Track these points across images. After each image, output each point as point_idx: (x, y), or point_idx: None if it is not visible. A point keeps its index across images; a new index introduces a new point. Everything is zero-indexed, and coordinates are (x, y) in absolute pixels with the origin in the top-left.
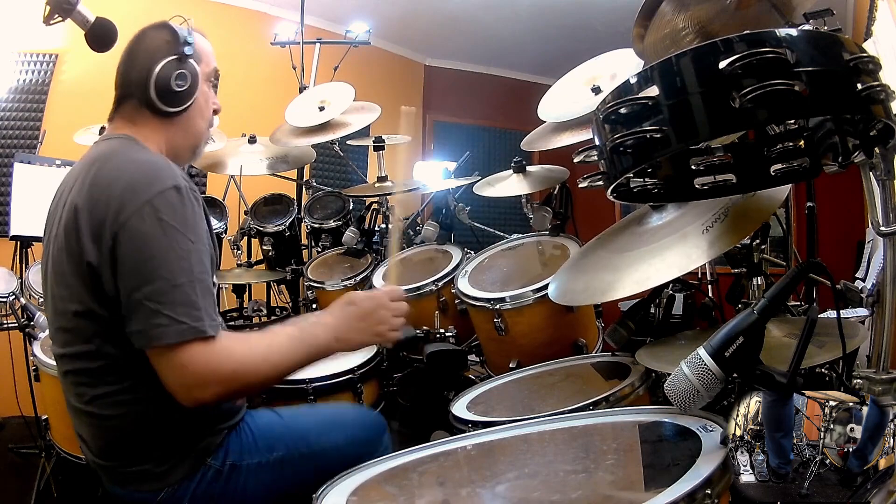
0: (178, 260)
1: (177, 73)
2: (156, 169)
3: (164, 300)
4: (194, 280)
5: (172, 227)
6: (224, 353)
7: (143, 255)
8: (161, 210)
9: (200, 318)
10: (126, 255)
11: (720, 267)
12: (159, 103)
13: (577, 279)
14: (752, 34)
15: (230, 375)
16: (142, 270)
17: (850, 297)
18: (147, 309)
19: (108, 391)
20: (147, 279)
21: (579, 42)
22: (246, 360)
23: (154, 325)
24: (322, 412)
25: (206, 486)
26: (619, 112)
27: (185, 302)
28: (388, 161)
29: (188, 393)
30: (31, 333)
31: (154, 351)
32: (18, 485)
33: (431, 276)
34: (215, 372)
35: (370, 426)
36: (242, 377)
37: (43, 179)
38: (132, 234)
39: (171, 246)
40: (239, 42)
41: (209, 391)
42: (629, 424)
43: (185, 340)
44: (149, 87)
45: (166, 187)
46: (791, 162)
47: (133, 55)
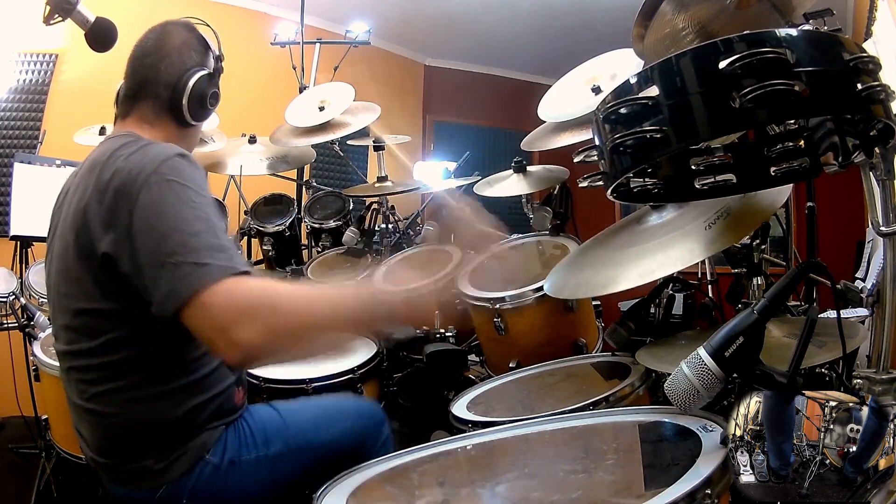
0: (192, 210)
1: (212, 93)
2: (157, 148)
3: (187, 249)
4: (214, 227)
5: (181, 185)
6: (262, 285)
7: (157, 216)
8: (167, 173)
9: (230, 257)
10: (142, 224)
11: (720, 267)
12: (188, 115)
13: (576, 274)
14: (752, 34)
15: (269, 309)
16: (160, 230)
17: (850, 297)
18: (171, 265)
19: (109, 388)
20: (166, 237)
21: (579, 42)
22: (286, 294)
23: (181, 277)
24: (320, 404)
25: (205, 482)
26: (619, 112)
27: (209, 246)
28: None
29: (227, 339)
30: (31, 333)
31: (184, 310)
32: (18, 485)
33: (431, 276)
34: (251, 304)
35: (369, 417)
36: (284, 314)
37: (43, 179)
38: (144, 203)
39: (184, 200)
40: (239, 42)
41: (248, 331)
42: (629, 424)
43: (213, 281)
44: (182, 94)
45: (171, 155)
46: (791, 162)
47: (163, 52)
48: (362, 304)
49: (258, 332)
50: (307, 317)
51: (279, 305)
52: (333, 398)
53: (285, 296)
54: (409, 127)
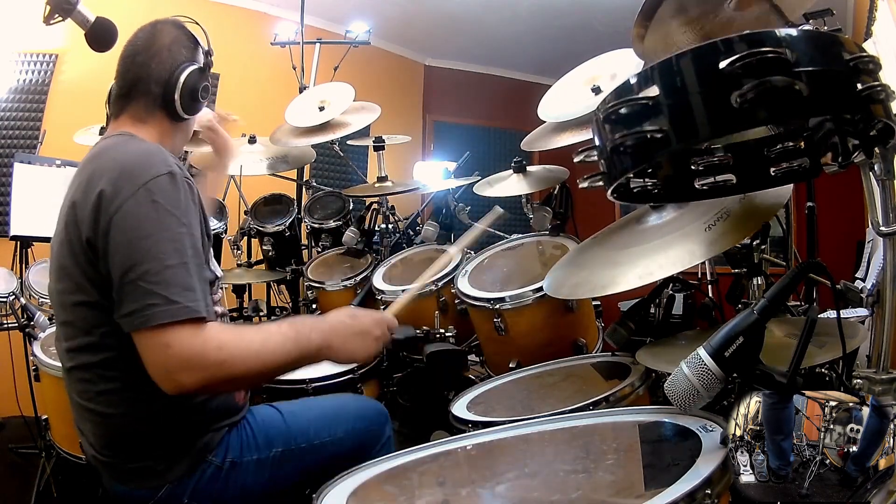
0: (170, 241)
1: (203, 86)
2: (149, 155)
3: (159, 279)
4: (188, 262)
5: (166, 210)
6: (214, 341)
7: (136, 234)
8: (155, 193)
9: (196, 298)
10: (120, 235)
11: (720, 267)
12: (181, 109)
13: (575, 274)
14: (752, 34)
15: (216, 364)
16: (135, 250)
17: (850, 297)
18: (141, 289)
19: (110, 388)
20: (140, 259)
21: (579, 42)
22: (236, 351)
23: (147, 305)
24: (322, 405)
25: (207, 483)
26: (620, 112)
27: (179, 283)
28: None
29: (169, 377)
30: (31, 333)
31: (143, 332)
32: (18, 485)
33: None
34: (202, 357)
35: (371, 417)
36: (229, 368)
37: (43, 179)
38: (126, 214)
39: (164, 227)
40: (239, 42)
41: (192, 377)
42: (629, 424)
43: (176, 321)
44: (173, 89)
45: (161, 173)
46: (791, 162)
47: (153, 50)
48: (298, 350)
49: (198, 380)
50: (251, 369)
51: (224, 362)
52: (336, 398)
53: (233, 351)
54: (409, 127)
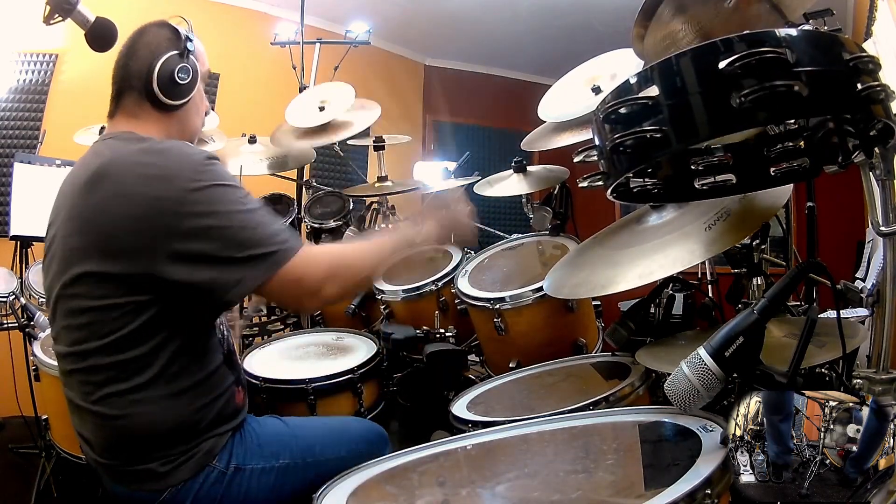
0: (249, 203)
1: (179, 67)
2: (180, 155)
3: (261, 235)
4: (266, 215)
5: (223, 187)
6: (332, 251)
7: (225, 210)
8: (204, 181)
9: (290, 233)
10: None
11: (720, 267)
12: (161, 95)
13: (575, 274)
14: (752, 34)
15: (347, 268)
16: (230, 225)
17: (850, 297)
18: (240, 259)
19: (117, 390)
20: (238, 229)
21: (579, 42)
22: (351, 253)
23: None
24: (328, 424)
25: (209, 488)
26: (619, 112)
27: (274, 229)
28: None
29: (316, 296)
30: (31, 333)
31: (273, 280)
32: (18, 485)
33: (431, 276)
34: (337, 265)
35: (373, 441)
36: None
37: (43, 179)
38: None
39: (233, 201)
40: (239, 42)
41: (335, 286)
42: (629, 424)
43: (287, 260)
44: (151, 78)
45: (201, 160)
46: (791, 162)
47: (134, 49)
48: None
49: (340, 287)
50: (368, 267)
51: (351, 265)
52: (340, 419)
53: (350, 255)
54: (410, 127)
